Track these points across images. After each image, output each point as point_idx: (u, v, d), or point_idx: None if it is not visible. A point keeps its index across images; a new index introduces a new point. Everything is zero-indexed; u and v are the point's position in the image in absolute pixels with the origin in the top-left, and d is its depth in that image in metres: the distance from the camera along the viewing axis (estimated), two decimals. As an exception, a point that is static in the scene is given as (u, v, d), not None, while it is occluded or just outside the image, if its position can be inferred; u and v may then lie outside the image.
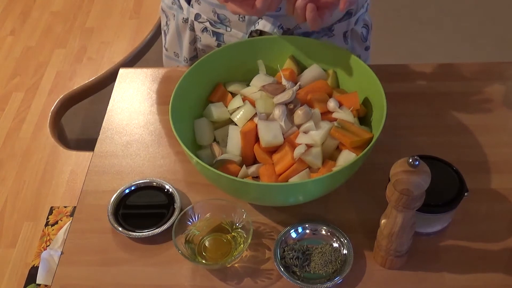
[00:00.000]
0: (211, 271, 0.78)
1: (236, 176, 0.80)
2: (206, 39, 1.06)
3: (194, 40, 1.08)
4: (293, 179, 0.78)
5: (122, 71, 1.10)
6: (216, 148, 0.85)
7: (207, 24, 1.03)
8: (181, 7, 1.06)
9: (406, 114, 0.97)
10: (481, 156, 0.91)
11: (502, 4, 2.56)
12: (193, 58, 1.12)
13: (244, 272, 0.77)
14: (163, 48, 1.20)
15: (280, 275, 0.76)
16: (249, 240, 0.76)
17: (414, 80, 1.04)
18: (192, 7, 1.03)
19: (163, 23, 1.18)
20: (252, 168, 0.82)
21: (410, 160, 0.63)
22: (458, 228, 0.81)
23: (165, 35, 1.17)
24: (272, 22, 0.97)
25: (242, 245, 0.77)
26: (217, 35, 1.04)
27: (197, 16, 1.04)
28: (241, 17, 0.99)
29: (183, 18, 1.07)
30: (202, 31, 1.05)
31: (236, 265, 0.78)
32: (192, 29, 1.06)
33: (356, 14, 1.05)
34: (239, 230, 0.79)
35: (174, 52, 1.16)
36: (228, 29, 1.02)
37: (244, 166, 0.82)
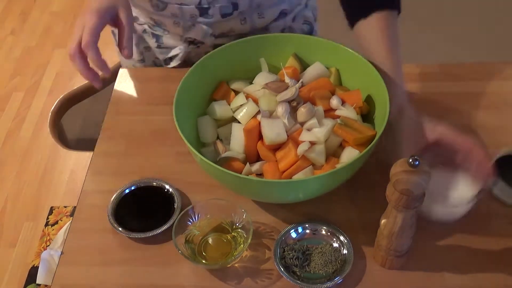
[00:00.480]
0: (211, 271, 0.78)
1: (240, 174, 0.80)
2: (148, 40, 1.09)
3: (138, 42, 1.11)
4: (297, 176, 0.79)
5: (122, 71, 1.10)
6: (219, 145, 0.85)
7: (146, 26, 1.07)
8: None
9: (406, 114, 0.97)
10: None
11: (502, 4, 2.56)
12: (140, 61, 1.14)
13: (244, 272, 0.77)
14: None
15: (280, 275, 0.76)
16: (249, 240, 0.76)
17: (414, 80, 1.04)
18: (135, 7, 1.06)
19: None
20: (256, 166, 0.82)
21: (410, 160, 0.63)
22: (458, 228, 0.81)
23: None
24: (205, 30, 1.00)
25: (242, 245, 0.77)
26: (156, 37, 1.07)
27: (135, 19, 1.07)
28: (176, 22, 1.01)
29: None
30: (143, 32, 1.09)
31: (236, 265, 0.78)
32: (135, 31, 1.08)
33: (292, 12, 1.06)
34: (239, 230, 0.79)
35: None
36: (166, 32, 1.05)
37: (247, 163, 0.82)
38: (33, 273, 1.72)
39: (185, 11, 0.98)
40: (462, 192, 0.78)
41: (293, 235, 0.80)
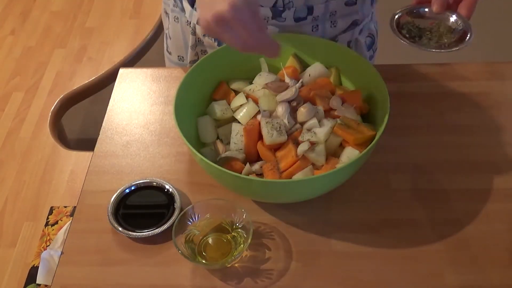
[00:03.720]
0: (211, 271, 0.78)
1: (240, 174, 0.80)
2: (208, 44, 1.06)
3: (195, 44, 1.08)
4: (297, 176, 0.79)
5: (122, 71, 1.10)
6: (219, 145, 0.85)
7: None
8: (183, 10, 1.06)
9: (406, 114, 0.97)
10: (481, 156, 0.91)
11: (502, 4, 2.56)
12: (194, 61, 1.12)
13: (244, 272, 0.77)
14: (166, 52, 1.19)
15: (280, 275, 0.76)
16: (249, 240, 0.76)
17: (414, 80, 1.04)
18: (196, 10, 1.03)
19: (165, 26, 1.17)
20: (256, 166, 0.82)
21: None
22: (458, 228, 0.81)
23: (167, 38, 1.16)
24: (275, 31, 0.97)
25: (242, 245, 0.77)
26: (219, 40, 1.03)
27: (198, 20, 1.03)
28: None
29: (187, 21, 1.06)
30: (204, 34, 1.05)
31: (236, 265, 0.78)
32: (194, 33, 1.06)
33: (361, 24, 1.04)
34: (239, 230, 0.79)
35: (179, 56, 1.15)
36: None
37: (247, 163, 0.83)
38: (33, 273, 1.72)
39: None
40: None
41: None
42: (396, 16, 0.86)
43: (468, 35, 0.85)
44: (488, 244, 0.79)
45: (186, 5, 1.04)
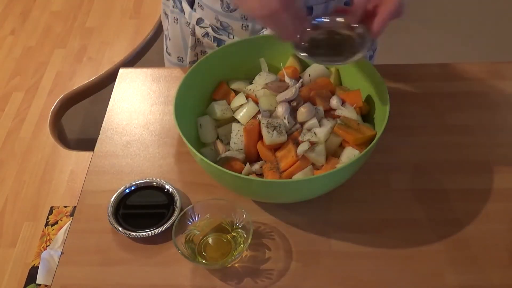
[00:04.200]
0: (211, 271, 0.78)
1: (240, 174, 0.80)
2: (207, 45, 1.06)
3: (195, 45, 1.08)
4: (297, 176, 0.79)
5: (122, 71, 1.10)
6: (219, 145, 0.85)
7: (209, 29, 1.02)
8: (182, 11, 1.06)
9: (406, 114, 0.97)
10: (481, 156, 0.91)
11: (502, 4, 2.56)
12: (194, 62, 1.12)
13: (244, 272, 0.77)
14: (165, 53, 1.19)
15: (280, 275, 0.76)
16: (249, 240, 0.76)
17: (414, 80, 1.04)
18: (195, 11, 1.03)
19: (164, 27, 1.17)
20: (256, 166, 0.82)
21: None
22: (458, 228, 0.81)
23: (167, 39, 1.16)
24: None
25: (242, 245, 0.77)
26: (218, 41, 1.03)
27: (199, 21, 1.03)
28: (244, 26, 0.99)
29: (186, 22, 1.06)
30: (204, 36, 1.04)
31: (236, 265, 0.78)
32: (193, 34, 1.06)
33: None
34: (239, 230, 0.79)
35: (178, 57, 1.15)
36: (231, 36, 1.01)
37: (247, 163, 0.83)
38: (33, 273, 1.72)
39: None
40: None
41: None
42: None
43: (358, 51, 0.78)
44: (488, 244, 0.79)
45: (186, 6, 1.04)
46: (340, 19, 0.80)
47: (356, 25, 0.78)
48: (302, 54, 0.79)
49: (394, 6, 0.74)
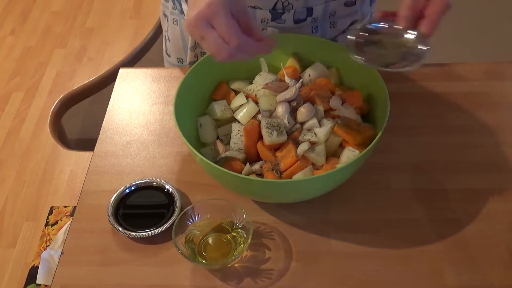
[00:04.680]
0: (211, 271, 0.78)
1: (240, 174, 0.80)
2: None
3: (194, 46, 1.08)
4: (297, 176, 0.79)
5: (122, 71, 1.10)
6: (219, 145, 0.85)
7: None
8: (182, 12, 1.06)
9: (406, 114, 0.97)
10: (481, 156, 0.90)
11: (502, 4, 2.56)
12: (193, 63, 1.11)
13: (244, 272, 0.77)
14: (165, 54, 1.19)
15: (280, 275, 0.76)
16: (249, 240, 0.76)
17: (414, 80, 1.04)
18: None
19: (164, 28, 1.17)
20: (256, 166, 0.82)
21: None
22: (458, 228, 0.81)
23: (166, 41, 1.16)
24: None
25: (242, 245, 0.77)
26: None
27: None
28: None
29: None
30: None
31: (236, 265, 0.78)
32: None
33: (360, 24, 1.04)
34: (239, 230, 0.79)
35: (178, 58, 1.15)
36: None
37: (247, 163, 0.83)
38: (33, 273, 1.72)
39: (258, 14, 0.96)
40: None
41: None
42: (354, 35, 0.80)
43: (419, 57, 0.77)
44: (488, 244, 0.79)
45: (185, 7, 1.04)
46: (397, 26, 0.76)
47: (412, 30, 0.76)
48: (357, 57, 0.77)
49: (443, 5, 0.72)
